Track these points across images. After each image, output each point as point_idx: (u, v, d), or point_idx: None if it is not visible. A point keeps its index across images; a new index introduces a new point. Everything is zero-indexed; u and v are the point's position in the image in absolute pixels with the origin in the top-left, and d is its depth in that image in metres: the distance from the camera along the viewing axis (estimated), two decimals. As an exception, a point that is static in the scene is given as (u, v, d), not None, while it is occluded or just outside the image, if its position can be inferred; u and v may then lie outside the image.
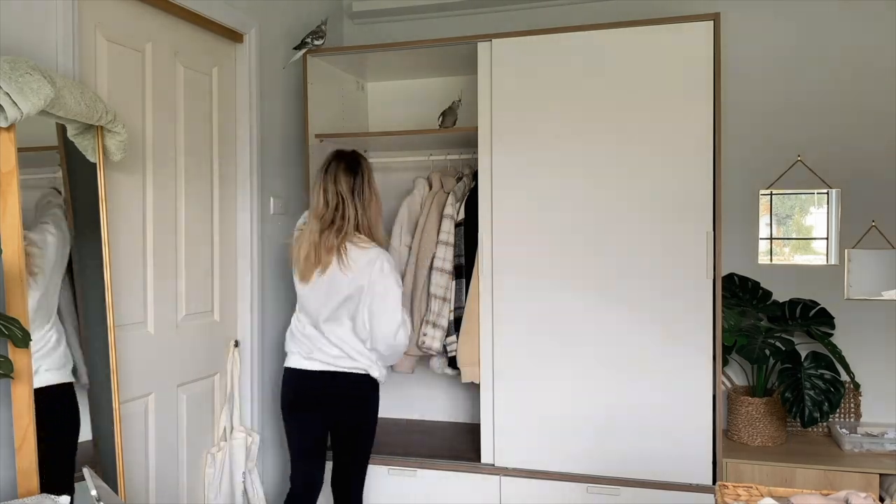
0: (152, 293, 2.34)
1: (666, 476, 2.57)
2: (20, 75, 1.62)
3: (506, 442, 2.74)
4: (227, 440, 2.67)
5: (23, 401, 1.69)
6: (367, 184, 2.40)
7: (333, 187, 2.37)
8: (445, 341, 2.90)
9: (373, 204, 2.41)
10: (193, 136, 2.52)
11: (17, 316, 1.63)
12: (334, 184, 2.37)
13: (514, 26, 3.22)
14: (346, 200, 2.36)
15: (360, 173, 2.39)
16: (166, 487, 2.41)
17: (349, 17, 3.55)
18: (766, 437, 2.82)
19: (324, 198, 2.38)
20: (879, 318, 2.95)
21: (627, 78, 2.58)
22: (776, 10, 3.04)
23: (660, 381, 2.58)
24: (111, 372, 2.02)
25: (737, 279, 3.03)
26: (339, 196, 2.36)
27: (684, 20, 2.54)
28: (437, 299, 2.90)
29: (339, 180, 2.37)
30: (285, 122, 3.05)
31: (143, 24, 2.29)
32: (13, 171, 1.68)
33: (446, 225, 2.92)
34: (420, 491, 2.83)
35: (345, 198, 2.36)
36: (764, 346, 2.74)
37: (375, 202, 2.43)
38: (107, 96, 2.12)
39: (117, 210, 2.16)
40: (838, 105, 2.99)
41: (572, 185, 2.65)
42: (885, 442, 2.73)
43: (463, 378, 2.88)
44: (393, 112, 3.46)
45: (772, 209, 3.04)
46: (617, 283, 2.61)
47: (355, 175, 2.38)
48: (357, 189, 2.37)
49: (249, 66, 2.77)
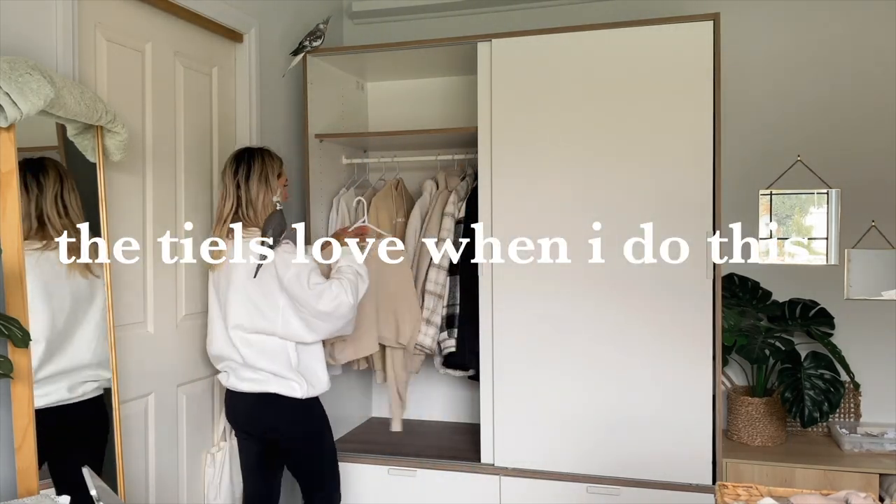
0: (152, 293, 2.34)
1: (666, 476, 2.57)
2: (20, 75, 1.62)
3: (506, 442, 2.74)
4: (226, 440, 2.67)
5: (22, 401, 1.69)
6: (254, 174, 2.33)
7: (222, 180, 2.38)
8: (439, 338, 2.91)
9: (261, 194, 2.33)
10: (193, 136, 2.52)
11: (16, 316, 1.63)
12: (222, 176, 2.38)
13: (514, 26, 3.22)
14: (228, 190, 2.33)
15: (244, 162, 2.34)
16: (166, 487, 2.41)
17: (349, 17, 3.55)
18: (765, 437, 2.82)
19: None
20: (879, 318, 2.95)
21: (627, 78, 2.58)
22: (776, 10, 3.04)
23: (660, 381, 2.58)
24: (111, 372, 2.02)
25: (737, 279, 3.03)
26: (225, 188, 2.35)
27: (684, 20, 2.54)
28: (432, 296, 2.91)
29: (225, 173, 2.36)
30: (285, 122, 3.05)
31: (143, 24, 2.29)
32: (13, 171, 1.68)
33: (447, 223, 2.93)
34: (420, 491, 2.83)
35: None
36: (764, 346, 2.74)
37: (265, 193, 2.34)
38: (107, 96, 2.12)
39: (117, 210, 2.16)
40: (838, 105, 2.99)
41: (572, 184, 2.65)
42: (885, 442, 2.73)
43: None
44: (393, 112, 3.46)
45: (772, 209, 3.04)
46: (617, 282, 2.61)
47: (238, 165, 2.34)
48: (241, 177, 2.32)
49: (249, 66, 2.77)
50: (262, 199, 2.32)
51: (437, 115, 3.37)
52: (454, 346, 2.89)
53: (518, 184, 2.70)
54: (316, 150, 3.00)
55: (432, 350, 2.92)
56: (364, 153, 3.43)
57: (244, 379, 2.31)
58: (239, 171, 2.32)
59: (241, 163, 2.33)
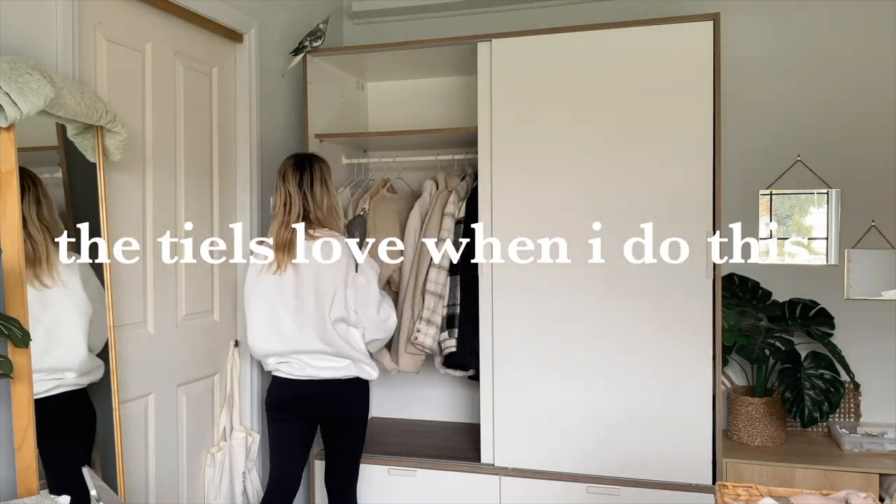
0: (152, 293, 2.34)
1: (666, 476, 2.57)
2: (20, 75, 1.62)
3: (506, 442, 2.74)
4: (226, 440, 2.67)
5: (22, 401, 1.69)
6: (318, 180, 2.46)
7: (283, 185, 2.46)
8: (439, 337, 2.90)
9: (325, 198, 2.47)
10: (193, 136, 2.52)
11: (17, 316, 1.63)
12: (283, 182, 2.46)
13: (514, 26, 3.23)
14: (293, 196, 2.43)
15: (307, 169, 2.46)
16: (166, 487, 2.41)
17: (349, 17, 3.55)
18: (765, 437, 2.82)
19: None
20: (879, 318, 2.95)
21: (627, 78, 2.58)
22: (776, 10, 3.04)
23: (660, 381, 2.58)
24: (111, 372, 2.02)
25: (737, 279, 3.03)
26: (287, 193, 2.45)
27: (684, 20, 2.54)
28: (433, 296, 2.90)
29: (287, 178, 2.46)
30: (285, 122, 3.05)
31: (143, 24, 2.29)
32: (13, 171, 1.68)
33: (447, 223, 2.92)
34: (420, 491, 2.83)
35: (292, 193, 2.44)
36: (764, 346, 2.74)
37: (329, 197, 2.48)
38: (107, 96, 2.12)
39: (117, 210, 2.17)
40: (838, 105, 2.99)
41: (572, 184, 2.65)
42: (885, 442, 2.73)
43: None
44: (393, 112, 3.46)
45: (772, 209, 3.04)
46: (617, 282, 2.61)
47: (303, 171, 2.45)
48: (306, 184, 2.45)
49: (249, 66, 2.77)
50: (325, 202, 2.46)
51: (436, 115, 3.37)
52: (455, 347, 2.88)
53: (518, 184, 2.70)
54: (316, 149, 2.99)
55: (433, 350, 2.91)
56: (364, 153, 3.43)
57: (321, 368, 2.42)
58: (304, 178, 2.43)
59: (304, 170, 2.44)
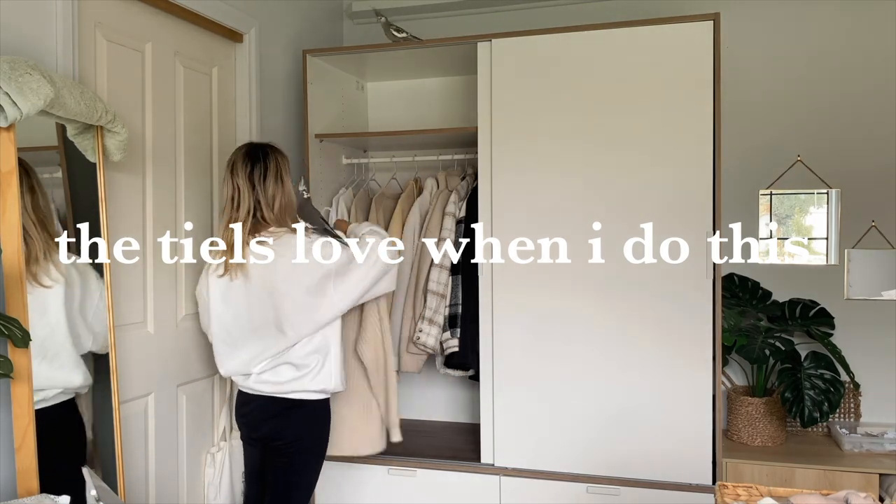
0: (152, 293, 2.34)
1: (666, 476, 2.57)
2: (20, 75, 1.62)
3: (506, 442, 2.74)
4: (226, 440, 2.67)
5: (22, 401, 1.69)
6: (272, 174, 2.21)
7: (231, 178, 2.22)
8: (441, 337, 2.90)
9: (279, 196, 2.22)
10: (193, 136, 2.52)
11: (16, 316, 1.63)
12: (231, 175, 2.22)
13: (514, 26, 3.23)
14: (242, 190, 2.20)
15: (260, 161, 2.22)
16: (166, 487, 2.41)
17: (349, 17, 3.55)
18: (765, 437, 2.82)
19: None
20: (879, 318, 2.95)
21: (627, 78, 2.58)
22: (776, 10, 3.04)
23: (660, 381, 2.58)
24: (111, 372, 2.02)
25: (737, 279, 3.03)
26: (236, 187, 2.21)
27: (684, 20, 2.54)
28: (435, 296, 2.90)
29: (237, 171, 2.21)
30: (285, 122, 3.05)
31: (143, 24, 2.29)
32: (13, 171, 1.68)
33: (448, 222, 2.92)
34: (420, 491, 2.83)
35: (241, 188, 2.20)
36: (764, 346, 2.74)
37: (283, 195, 2.23)
38: (107, 96, 2.12)
39: (117, 210, 2.17)
40: (838, 105, 2.99)
41: (572, 184, 2.65)
42: (885, 442, 2.73)
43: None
44: (393, 112, 3.46)
45: (772, 209, 3.04)
46: (617, 282, 2.61)
47: (255, 162, 2.21)
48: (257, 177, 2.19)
49: (249, 66, 2.77)
50: (278, 200, 2.21)
51: (436, 115, 3.38)
52: (457, 346, 2.88)
53: (518, 183, 2.70)
54: (316, 149, 3.00)
55: (435, 350, 2.92)
56: (364, 153, 3.43)
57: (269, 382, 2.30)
58: (255, 170, 2.19)
59: (256, 161, 2.21)
